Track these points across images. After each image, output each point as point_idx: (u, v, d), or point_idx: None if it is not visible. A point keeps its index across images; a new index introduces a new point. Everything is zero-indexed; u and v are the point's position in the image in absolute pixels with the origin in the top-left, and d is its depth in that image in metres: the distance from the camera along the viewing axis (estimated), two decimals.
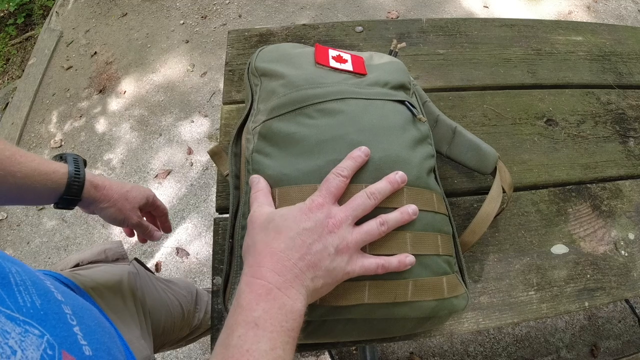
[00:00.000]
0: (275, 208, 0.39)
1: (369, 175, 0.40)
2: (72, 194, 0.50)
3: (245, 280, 0.33)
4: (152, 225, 0.64)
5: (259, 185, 0.40)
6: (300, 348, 0.49)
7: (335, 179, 0.37)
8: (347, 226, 0.36)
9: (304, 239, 0.34)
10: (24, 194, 0.46)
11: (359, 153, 0.39)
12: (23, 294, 0.27)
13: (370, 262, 0.37)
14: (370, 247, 0.38)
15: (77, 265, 0.60)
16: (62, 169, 0.49)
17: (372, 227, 0.37)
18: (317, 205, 0.36)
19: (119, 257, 0.66)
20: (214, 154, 0.54)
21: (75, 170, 0.50)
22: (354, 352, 1.25)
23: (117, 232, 1.55)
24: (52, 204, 0.51)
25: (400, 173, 0.39)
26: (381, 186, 0.38)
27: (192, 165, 1.69)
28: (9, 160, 0.43)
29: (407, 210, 0.39)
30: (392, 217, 0.38)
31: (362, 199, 0.37)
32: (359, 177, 0.40)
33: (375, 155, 0.41)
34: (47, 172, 0.47)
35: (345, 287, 0.37)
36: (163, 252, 1.50)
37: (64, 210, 1.60)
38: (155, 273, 0.80)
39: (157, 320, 0.65)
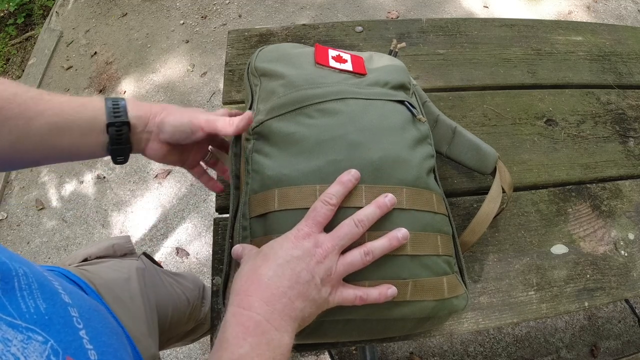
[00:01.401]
0: (275, 209, 0.39)
1: (368, 175, 0.40)
2: (116, 116, 0.41)
3: (232, 311, 0.32)
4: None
5: (245, 249, 0.39)
6: (300, 348, 0.49)
7: (323, 207, 0.36)
8: (333, 256, 0.35)
9: (293, 267, 0.34)
10: (61, 135, 0.39)
11: (349, 177, 0.38)
12: (27, 298, 0.27)
13: (349, 293, 0.36)
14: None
15: (85, 260, 0.59)
16: (97, 98, 0.42)
17: (356, 258, 0.36)
18: (303, 234, 0.35)
19: (127, 252, 0.65)
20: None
21: (112, 98, 0.42)
22: (354, 352, 1.25)
23: (116, 233, 1.55)
24: (106, 149, 0.42)
25: (390, 196, 0.38)
26: (369, 212, 0.37)
27: None
28: (34, 100, 0.38)
29: (397, 235, 0.38)
30: (379, 246, 0.37)
31: (350, 227, 0.36)
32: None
33: (374, 155, 0.41)
34: (82, 103, 0.40)
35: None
36: (163, 252, 1.50)
37: (64, 210, 1.60)
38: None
39: (164, 315, 0.65)
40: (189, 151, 0.51)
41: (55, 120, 0.38)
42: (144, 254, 0.69)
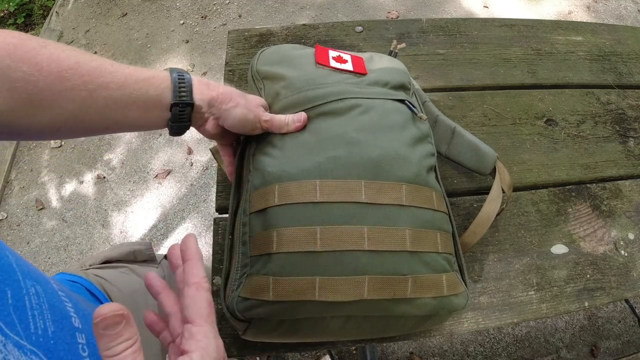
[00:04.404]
0: (275, 204, 0.39)
1: (368, 172, 0.40)
2: (181, 97, 0.40)
3: None
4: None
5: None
6: (300, 348, 0.49)
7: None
8: None
9: None
10: (124, 109, 0.38)
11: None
12: (37, 318, 0.26)
13: None
14: (370, 243, 0.38)
15: (105, 262, 0.59)
16: (163, 72, 0.40)
17: None
18: None
19: (148, 258, 0.65)
20: (216, 152, 0.54)
21: (177, 72, 0.41)
22: (354, 352, 1.25)
23: (116, 233, 1.55)
24: (166, 124, 0.41)
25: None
26: None
27: (192, 165, 1.69)
28: (97, 71, 0.36)
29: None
30: None
31: None
32: (358, 174, 0.40)
33: (374, 152, 0.41)
34: (146, 78, 0.39)
35: (345, 282, 0.38)
36: (163, 252, 1.50)
37: (64, 210, 1.60)
38: None
39: None
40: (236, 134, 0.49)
41: (119, 95, 0.37)
42: (166, 257, 0.69)
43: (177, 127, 0.42)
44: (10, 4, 2.34)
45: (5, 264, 0.26)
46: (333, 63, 0.49)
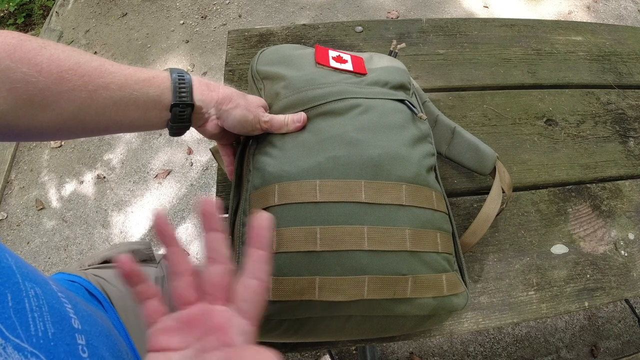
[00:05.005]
0: (275, 203, 0.39)
1: (368, 171, 0.40)
2: (181, 98, 0.40)
3: None
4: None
5: None
6: (300, 348, 0.49)
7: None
8: None
9: None
10: (124, 109, 0.38)
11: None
12: (37, 320, 0.26)
13: None
14: (370, 243, 0.38)
15: (104, 262, 0.59)
16: (163, 73, 0.40)
17: None
18: None
19: (147, 258, 0.65)
20: (216, 152, 0.54)
21: (177, 72, 0.41)
22: (354, 352, 1.25)
23: (116, 233, 1.55)
24: (166, 124, 0.41)
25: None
26: None
27: (192, 165, 1.69)
28: (97, 72, 0.36)
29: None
30: None
31: None
32: (358, 173, 0.40)
33: (374, 152, 0.41)
34: (146, 78, 0.39)
35: (345, 282, 0.38)
36: (162, 252, 1.50)
37: (64, 210, 1.60)
38: None
39: None
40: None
41: (119, 95, 0.37)
42: (165, 256, 0.68)
43: (177, 127, 0.42)
44: (10, 4, 2.34)
45: (4, 266, 0.26)
46: (333, 63, 0.49)
